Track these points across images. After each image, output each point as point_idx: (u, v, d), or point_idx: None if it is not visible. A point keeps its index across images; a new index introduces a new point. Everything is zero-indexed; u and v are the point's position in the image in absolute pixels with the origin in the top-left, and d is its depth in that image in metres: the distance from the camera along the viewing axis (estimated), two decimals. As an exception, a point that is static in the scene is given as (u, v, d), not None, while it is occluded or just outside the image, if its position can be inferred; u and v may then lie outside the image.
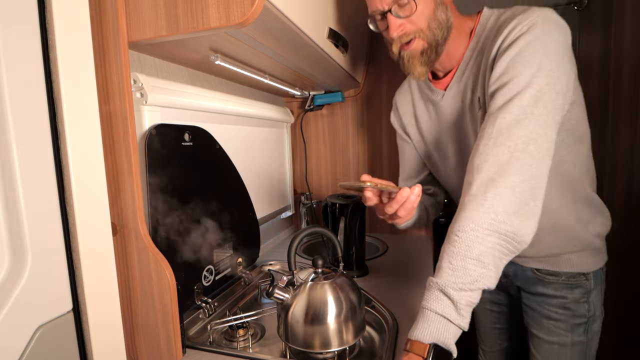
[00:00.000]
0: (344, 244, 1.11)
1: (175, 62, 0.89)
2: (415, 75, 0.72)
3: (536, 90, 0.57)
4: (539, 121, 0.56)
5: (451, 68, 0.74)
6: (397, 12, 0.67)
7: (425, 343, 0.54)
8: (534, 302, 0.82)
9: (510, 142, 0.56)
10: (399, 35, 0.68)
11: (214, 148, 0.96)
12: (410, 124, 0.87)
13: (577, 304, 0.76)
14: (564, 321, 0.77)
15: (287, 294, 0.71)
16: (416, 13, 0.66)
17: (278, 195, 1.46)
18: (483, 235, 0.55)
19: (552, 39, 0.58)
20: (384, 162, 1.53)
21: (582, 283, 0.76)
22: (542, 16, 0.59)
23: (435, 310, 0.55)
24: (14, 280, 0.47)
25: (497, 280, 0.57)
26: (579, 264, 0.76)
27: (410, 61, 0.70)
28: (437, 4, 0.67)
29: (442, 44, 0.69)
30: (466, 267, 0.55)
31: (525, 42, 0.59)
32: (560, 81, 0.58)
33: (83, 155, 0.55)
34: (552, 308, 0.78)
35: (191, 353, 0.73)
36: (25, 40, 0.48)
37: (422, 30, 0.67)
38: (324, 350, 0.69)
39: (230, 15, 0.59)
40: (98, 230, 0.58)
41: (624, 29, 1.17)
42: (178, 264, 0.79)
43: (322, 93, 1.50)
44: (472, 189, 0.58)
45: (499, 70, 0.61)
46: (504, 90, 0.59)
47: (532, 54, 0.58)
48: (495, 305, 0.98)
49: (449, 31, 0.69)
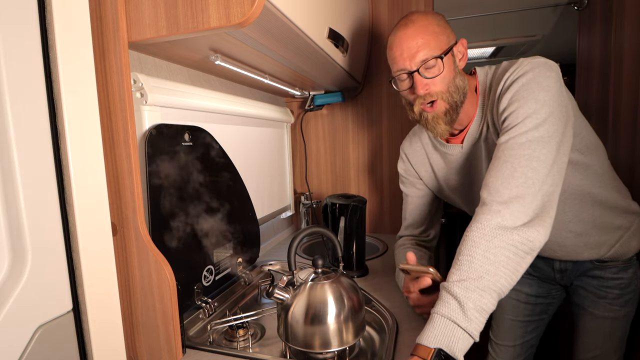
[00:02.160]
0: (344, 244, 1.11)
1: (175, 62, 0.89)
2: (438, 134, 0.79)
3: (536, 119, 0.62)
4: (541, 142, 0.61)
5: (467, 123, 0.80)
6: (424, 73, 0.72)
7: (430, 347, 0.53)
8: (588, 284, 0.87)
9: (514, 159, 0.62)
10: (424, 95, 0.73)
11: (214, 148, 0.96)
12: (424, 171, 0.94)
13: (631, 282, 0.84)
14: (618, 298, 0.84)
15: (287, 294, 0.71)
16: (440, 76, 0.72)
17: (278, 195, 1.46)
18: (490, 233, 0.57)
19: (545, 76, 0.65)
20: (384, 162, 1.53)
21: (633, 263, 0.84)
22: (532, 62, 0.67)
23: (441, 312, 0.55)
24: (14, 280, 0.47)
25: (512, 283, 0.57)
26: (630, 248, 0.82)
27: (435, 120, 0.76)
28: (455, 73, 0.74)
29: (460, 106, 0.76)
30: (471, 262, 0.56)
31: (523, 82, 0.66)
32: (559, 109, 0.64)
33: (83, 155, 0.55)
34: (609, 289, 0.84)
35: (191, 353, 0.73)
36: (25, 40, 0.48)
37: (443, 93, 0.73)
38: (324, 350, 0.69)
39: (230, 15, 0.59)
40: (98, 230, 0.58)
41: (624, 29, 1.17)
42: (178, 264, 0.78)
43: (322, 93, 1.50)
44: (481, 202, 0.63)
45: (501, 107, 0.68)
46: (507, 122, 0.66)
47: (530, 90, 0.64)
48: (532, 298, 0.99)
49: (465, 95, 0.76)
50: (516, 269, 0.57)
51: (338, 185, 1.62)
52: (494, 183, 0.62)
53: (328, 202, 1.15)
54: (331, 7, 0.93)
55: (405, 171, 0.99)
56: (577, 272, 0.88)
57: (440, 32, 0.72)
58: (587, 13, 1.27)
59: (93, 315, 0.57)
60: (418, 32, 0.71)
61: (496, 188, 0.61)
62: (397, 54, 0.74)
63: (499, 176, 0.62)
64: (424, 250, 0.95)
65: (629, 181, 1.18)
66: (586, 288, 0.88)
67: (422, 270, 0.71)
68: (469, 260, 0.57)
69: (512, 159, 0.62)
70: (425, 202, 0.99)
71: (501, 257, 0.56)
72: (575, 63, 1.42)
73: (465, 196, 0.90)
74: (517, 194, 0.59)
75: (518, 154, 0.61)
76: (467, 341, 0.54)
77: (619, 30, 1.18)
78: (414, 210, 1.00)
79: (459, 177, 0.88)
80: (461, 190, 0.90)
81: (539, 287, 0.98)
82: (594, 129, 0.80)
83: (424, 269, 0.71)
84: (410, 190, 1.00)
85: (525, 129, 0.62)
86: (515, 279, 0.57)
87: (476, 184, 0.85)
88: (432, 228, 1.00)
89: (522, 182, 0.60)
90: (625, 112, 1.18)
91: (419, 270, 0.72)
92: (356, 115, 1.55)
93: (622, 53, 1.17)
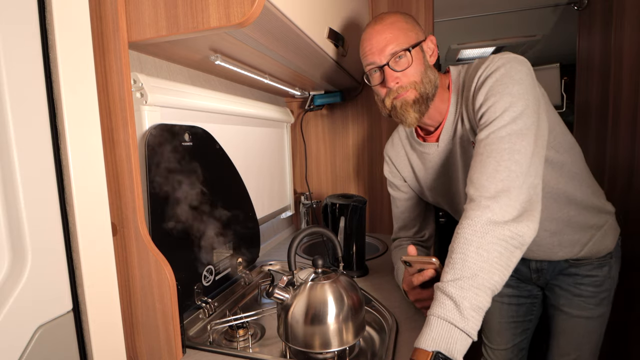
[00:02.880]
0: (344, 244, 1.11)
1: (175, 62, 0.89)
2: (408, 122, 0.78)
3: (513, 112, 0.64)
4: (520, 135, 0.62)
5: (441, 120, 0.82)
6: (393, 66, 0.74)
7: (428, 350, 0.52)
8: (563, 282, 0.88)
9: (496, 153, 0.62)
10: (396, 88, 0.75)
11: (214, 148, 0.96)
12: (407, 172, 0.96)
13: (605, 280, 0.85)
14: (593, 297, 0.85)
15: (287, 294, 0.71)
16: (410, 68, 0.74)
17: (278, 195, 1.46)
18: (482, 230, 0.58)
19: (516, 70, 0.66)
20: (384, 162, 1.52)
21: (608, 261, 0.85)
22: (503, 57, 0.69)
23: (437, 314, 0.55)
24: (14, 280, 0.47)
25: (505, 279, 0.57)
26: (603, 247, 0.83)
27: (404, 108, 0.77)
28: (426, 66, 0.76)
29: (431, 98, 0.77)
30: (465, 260, 0.56)
31: (496, 77, 0.67)
32: (534, 102, 0.65)
33: (83, 155, 0.55)
34: (584, 287, 0.85)
35: (191, 353, 0.73)
36: (25, 40, 0.48)
37: (415, 83, 0.75)
38: (324, 350, 0.69)
39: (230, 15, 0.59)
40: (98, 230, 0.58)
41: (624, 29, 1.17)
42: (178, 264, 0.78)
43: (322, 93, 1.50)
44: (469, 199, 0.63)
45: (477, 104, 0.69)
46: (485, 117, 0.67)
47: (504, 85, 0.66)
48: (514, 299, 1.00)
49: (436, 89, 0.78)
50: (507, 264, 0.58)
51: (338, 185, 1.62)
52: (479, 179, 0.62)
53: (328, 202, 1.15)
54: (331, 7, 0.93)
55: (391, 173, 1.01)
56: (553, 272, 0.89)
57: (408, 28, 0.75)
58: (587, 13, 1.27)
59: (93, 315, 0.57)
60: (386, 27, 0.74)
61: (482, 183, 0.62)
62: (367, 49, 0.77)
63: (484, 171, 0.62)
64: (422, 249, 0.96)
65: (627, 180, 1.19)
66: (561, 286, 0.89)
67: (425, 261, 0.70)
68: (462, 258, 0.57)
69: (494, 153, 0.62)
70: (414, 203, 0.99)
71: (494, 253, 0.57)
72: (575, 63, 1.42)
73: (445, 196, 0.90)
74: (503, 187, 0.60)
75: (499, 148, 0.62)
76: (466, 341, 0.53)
77: (619, 30, 1.18)
78: (404, 212, 1.01)
79: (436, 176, 0.89)
80: (440, 189, 0.90)
81: (519, 287, 0.99)
82: (594, 128, 0.80)
83: (427, 260, 0.70)
84: (397, 193, 1.01)
85: (503, 123, 0.63)
86: (507, 274, 0.58)
87: (454, 183, 0.86)
88: (426, 228, 1.00)
89: (507, 176, 0.60)
90: (625, 112, 1.18)
91: (422, 261, 0.70)
92: (356, 115, 1.55)
93: (622, 53, 1.17)
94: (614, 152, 1.22)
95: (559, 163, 0.76)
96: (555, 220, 0.80)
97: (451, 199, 0.89)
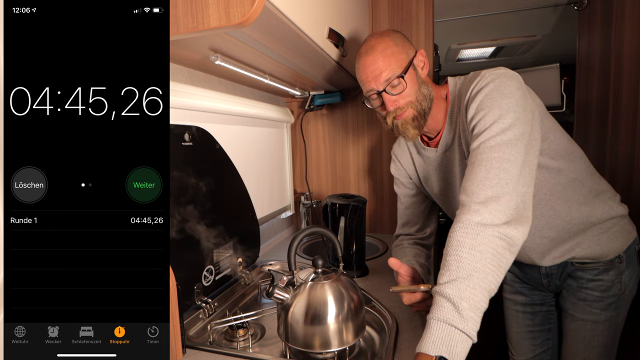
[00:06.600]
0: (344, 244, 1.11)
1: (175, 62, 0.89)
2: (409, 138, 0.84)
3: (502, 124, 0.66)
4: (509, 145, 0.65)
5: (439, 128, 0.86)
6: (390, 91, 0.79)
7: (431, 355, 0.52)
8: (569, 285, 0.89)
9: (486, 162, 0.65)
10: (395, 109, 0.81)
11: (214, 148, 0.96)
12: (411, 171, 1.00)
13: (613, 284, 0.84)
14: (598, 301, 0.85)
15: (287, 294, 0.71)
16: (405, 91, 0.79)
17: (278, 195, 1.46)
18: (473, 231, 0.59)
19: (505, 85, 0.70)
20: (384, 162, 1.53)
21: (616, 265, 0.84)
22: (494, 73, 0.72)
23: (436, 317, 0.55)
24: (14, 280, 0.47)
25: (499, 280, 0.58)
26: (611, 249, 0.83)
27: (404, 126, 0.83)
28: (419, 83, 0.81)
29: (428, 112, 0.82)
30: (459, 261, 0.57)
31: (486, 92, 0.71)
32: (525, 114, 0.67)
33: (83, 155, 0.55)
34: (589, 291, 0.86)
35: (191, 353, 0.73)
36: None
37: (412, 102, 0.80)
38: (324, 350, 0.69)
39: (230, 15, 0.59)
40: (98, 230, 0.58)
41: (624, 29, 1.17)
42: (178, 263, 0.78)
43: (322, 93, 1.50)
44: (460, 204, 0.66)
45: (469, 117, 0.73)
46: (476, 129, 0.70)
47: (493, 99, 0.69)
48: (528, 307, 1.01)
49: (431, 102, 0.83)
50: (500, 265, 0.58)
51: (338, 185, 1.62)
52: (471, 186, 0.65)
53: (328, 202, 1.15)
54: (331, 7, 0.93)
55: (397, 172, 1.03)
56: (562, 276, 0.89)
57: (398, 51, 0.80)
58: (587, 13, 1.27)
59: (93, 315, 0.57)
60: (377, 57, 0.79)
61: (472, 190, 0.64)
62: (363, 78, 0.82)
63: (474, 179, 0.65)
64: (422, 248, 0.96)
65: (627, 181, 1.19)
66: (567, 290, 0.90)
67: (414, 290, 0.71)
68: (456, 260, 0.58)
69: (484, 162, 0.65)
70: (418, 200, 1.02)
71: (486, 253, 0.57)
72: (575, 63, 1.42)
73: (444, 201, 0.93)
74: (493, 194, 0.62)
75: (489, 156, 0.65)
76: (466, 343, 0.53)
77: (619, 30, 1.18)
78: (408, 208, 1.03)
79: (436, 180, 0.92)
80: (439, 194, 0.93)
81: (532, 295, 1.00)
82: (594, 128, 0.80)
83: (416, 287, 0.70)
84: (403, 189, 1.03)
85: (493, 134, 0.66)
86: (501, 275, 0.58)
87: (452, 189, 0.89)
88: (428, 226, 1.02)
89: (496, 183, 0.62)
90: (625, 112, 1.18)
91: (411, 290, 0.72)
92: (356, 115, 1.55)
93: (622, 53, 1.17)
94: (614, 152, 1.22)
95: (555, 169, 0.78)
96: (554, 227, 0.81)
97: (449, 203, 0.92)
